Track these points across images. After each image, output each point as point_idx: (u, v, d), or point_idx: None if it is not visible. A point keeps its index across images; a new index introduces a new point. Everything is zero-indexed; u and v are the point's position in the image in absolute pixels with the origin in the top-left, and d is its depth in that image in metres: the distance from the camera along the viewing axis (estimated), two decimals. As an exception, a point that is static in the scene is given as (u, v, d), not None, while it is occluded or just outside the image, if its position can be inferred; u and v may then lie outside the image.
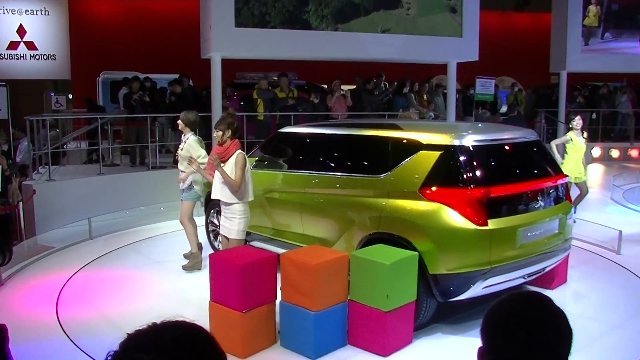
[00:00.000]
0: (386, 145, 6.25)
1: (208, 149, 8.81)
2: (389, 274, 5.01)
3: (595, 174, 16.38)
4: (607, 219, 9.67)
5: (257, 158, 7.84)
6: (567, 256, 6.78)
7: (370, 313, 5.15)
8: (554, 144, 9.93)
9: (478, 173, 5.60)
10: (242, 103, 15.08)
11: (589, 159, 9.99)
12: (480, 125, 8.11)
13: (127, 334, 1.31)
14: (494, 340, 1.58)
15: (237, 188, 6.08)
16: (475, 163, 5.62)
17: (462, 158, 5.61)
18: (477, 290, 5.42)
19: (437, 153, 5.68)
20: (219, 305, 5.28)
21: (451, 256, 5.41)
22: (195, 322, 1.36)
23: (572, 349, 1.57)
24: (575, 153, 9.66)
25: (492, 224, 5.39)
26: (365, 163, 6.48)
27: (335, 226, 6.46)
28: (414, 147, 5.89)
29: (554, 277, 6.71)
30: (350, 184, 6.41)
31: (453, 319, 5.92)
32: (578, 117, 9.87)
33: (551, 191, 6.18)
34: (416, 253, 5.35)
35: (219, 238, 6.88)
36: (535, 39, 23.46)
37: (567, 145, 9.73)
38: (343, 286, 5.31)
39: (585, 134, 9.88)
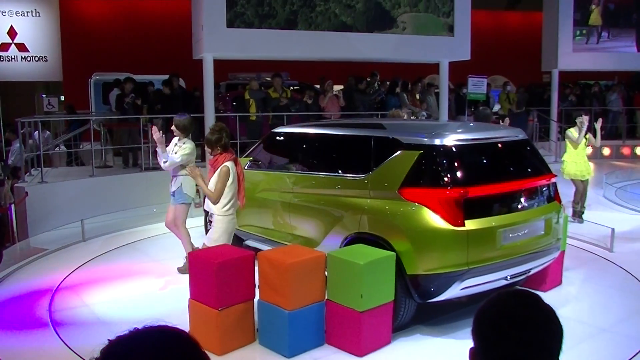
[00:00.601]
0: (368, 145, 6.20)
1: (202, 151, 8.80)
2: (363, 273, 5.02)
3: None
4: (600, 217, 9.71)
5: (251, 158, 7.91)
6: (562, 258, 6.73)
7: (346, 313, 5.15)
8: (577, 140, 9.76)
9: (457, 173, 5.52)
10: (234, 103, 15.07)
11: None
12: (465, 124, 7.93)
13: (108, 340, 1.30)
14: (486, 340, 1.57)
15: (214, 200, 6.07)
16: (454, 163, 5.55)
17: (441, 158, 5.55)
18: (455, 291, 5.36)
19: (417, 153, 5.63)
20: (197, 302, 5.35)
21: (428, 257, 5.36)
22: (178, 326, 1.35)
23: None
24: (574, 150, 9.70)
25: (470, 224, 5.32)
26: (349, 163, 6.46)
27: (320, 226, 6.46)
28: (395, 146, 5.85)
29: (546, 279, 6.60)
30: (335, 183, 6.41)
31: (434, 321, 5.87)
32: (585, 117, 9.82)
33: (536, 191, 6.07)
34: (393, 253, 5.32)
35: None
36: (526, 38, 23.54)
37: (567, 142, 9.78)
38: (319, 286, 5.32)
39: (587, 136, 9.89)
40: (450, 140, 5.64)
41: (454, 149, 5.62)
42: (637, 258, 7.97)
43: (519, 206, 5.81)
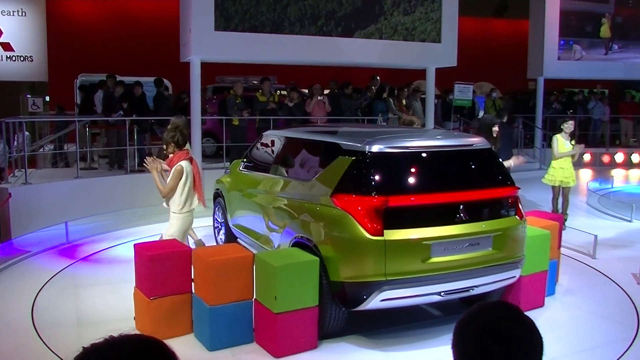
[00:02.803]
0: (318, 150, 6.24)
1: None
2: (277, 275, 5.11)
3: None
4: (583, 224, 9.80)
5: (244, 159, 8.23)
6: (544, 278, 6.42)
7: (265, 313, 5.29)
8: (557, 154, 9.75)
9: (383, 181, 5.39)
10: (221, 107, 15.05)
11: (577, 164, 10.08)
12: (411, 131, 7.31)
13: (83, 347, 1.29)
14: (467, 355, 1.56)
15: (162, 194, 6.35)
16: (381, 170, 5.43)
17: (368, 165, 5.43)
18: (375, 301, 5.18)
19: (350, 159, 5.55)
20: (138, 290, 5.73)
21: (347, 264, 5.27)
22: (153, 336, 1.34)
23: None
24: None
25: (390, 234, 5.15)
26: (303, 167, 6.52)
27: (277, 227, 6.56)
28: (336, 152, 5.83)
29: (521, 299, 6.07)
30: (290, 186, 6.49)
31: (375, 332, 5.77)
32: (571, 122, 9.86)
33: (485, 204, 5.73)
34: (316, 258, 5.33)
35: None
36: (513, 45, 23.70)
37: (553, 148, 9.80)
38: (246, 285, 5.45)
39: (573, 141, 9.95)
40: (383, 147, 5.51)
41: (383, 157, 5.50)
42: (619, 264, 8.07)
43: (458, 218, 5.45)
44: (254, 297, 5.48)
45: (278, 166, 7.09)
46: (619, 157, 18.65)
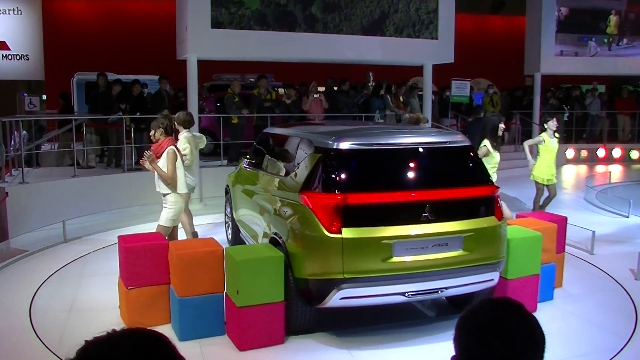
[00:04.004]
0: (296, 147, 6.25)
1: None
2: (239, 270, 5.23)
3: (569, 175, 16.61)
4: (580, 220, 9.81)
5: (247, 156, 8.33)
6: (536, 283, 6.11)
7: (231, 306, 5.41)
8: (526, 144, 10.09)
9: (348, 178, 5.35)
10: (218, 104, 15.04)
11: (561, 161, 10.12)
12: (386, 128, 7.16)
13: (85, 341, 1.30)
14: (468, 350, 1.56)
15: (169, 180, 6.77)
16: (344, 168, 5.38)
17: (335, 161, 5.40)
18: (335, 299, 5.14)
19: (318, 156, 5.52)
20: (120, 280, 5.97)
21: (307, 261, 5.25)
22: (156, 330, 1.34)
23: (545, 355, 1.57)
24: (547, 154, 9.76)
25: (349, 232, 5.09)
26: (283, 163, 6.55)
27: (261, 223, 6.65)
28: (309, 148, 5.83)
29: None
30: (272, 183, 6.56)
31: (346, 331, 5.72)
32: (554, 119, 9.99)
33: (457, 203, 5.53)
34: (281, 254, 5.38)
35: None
36: (510, 42, 23.70)
37: (539, 146, 9.84)
38: (217, 278, 5.56)
39: (557, 135, 9.99)
40: (349, 144, 5.45)
41: (349, 153, 5.45)
42: (617, 260, 8.07)
43: (424, 218, 5.27)
44: (225, 290, 5.59)
45: (266, 163, 7.15)
46: (616, 152, 18.70)
